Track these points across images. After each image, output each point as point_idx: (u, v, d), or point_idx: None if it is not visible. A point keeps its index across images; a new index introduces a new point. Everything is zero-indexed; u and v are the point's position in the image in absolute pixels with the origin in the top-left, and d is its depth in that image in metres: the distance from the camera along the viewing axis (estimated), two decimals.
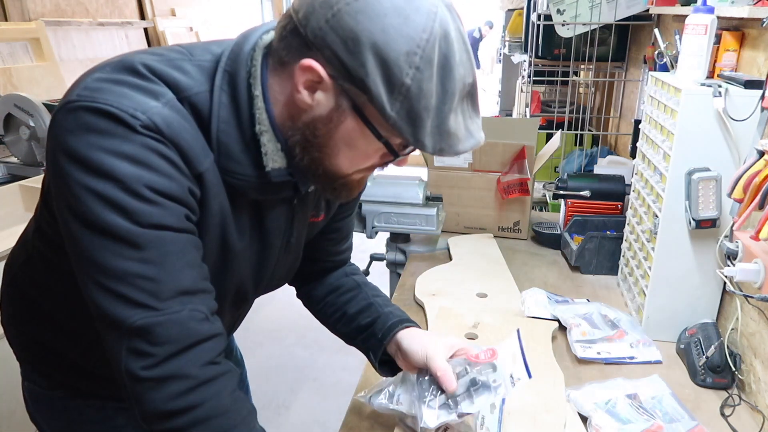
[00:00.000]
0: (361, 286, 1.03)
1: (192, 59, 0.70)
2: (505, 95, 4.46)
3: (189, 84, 0.68)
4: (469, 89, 0.67)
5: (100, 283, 0.63)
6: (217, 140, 0.69)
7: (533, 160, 1.80)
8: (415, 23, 0.61)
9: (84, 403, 0.89)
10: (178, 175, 0.65)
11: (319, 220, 0.94)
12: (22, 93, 2.17)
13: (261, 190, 0.74)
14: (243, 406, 0.71)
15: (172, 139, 0.65)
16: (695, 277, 1.27)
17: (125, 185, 0.61)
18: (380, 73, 0.61)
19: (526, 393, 1.08)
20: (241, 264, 0.81)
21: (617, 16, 2.23)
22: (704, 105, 1.15)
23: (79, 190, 0.62)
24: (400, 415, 0.95)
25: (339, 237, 1.03)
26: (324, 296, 1.03)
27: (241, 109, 0.69)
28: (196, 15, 4.12)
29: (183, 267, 0.66)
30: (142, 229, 0.62)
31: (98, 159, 0.61)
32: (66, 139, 0.62)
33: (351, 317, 0.99)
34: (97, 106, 0.62)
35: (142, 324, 0.63)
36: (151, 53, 0.70)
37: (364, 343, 0.97)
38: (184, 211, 0.66)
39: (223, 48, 0.72)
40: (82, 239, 0.63)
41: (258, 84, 0.69)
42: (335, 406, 2.41)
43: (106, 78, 0.65)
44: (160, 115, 0.64)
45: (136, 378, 0.64)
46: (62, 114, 0.63)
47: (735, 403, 1.12)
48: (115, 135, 0.62)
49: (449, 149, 0.67)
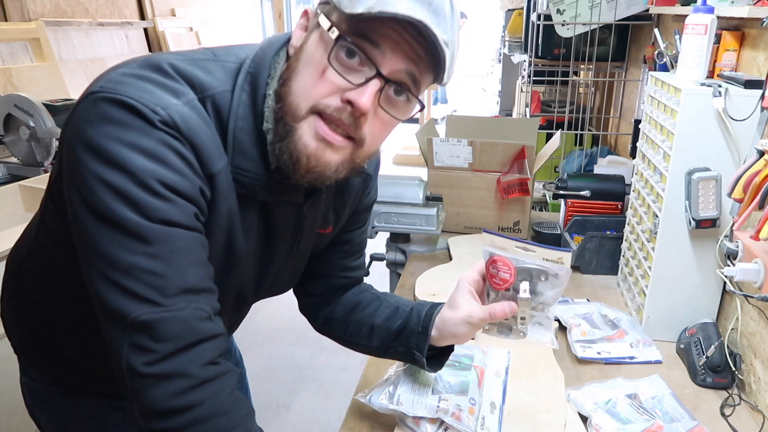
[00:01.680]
0: (381, 297, 1.00)
1: (216, 60, 0.72)
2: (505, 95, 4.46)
3: (212, 83, 0.69)
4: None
5: (105, 275, 0.63)
6: (233, 137, 0.70)
7: (533, 160, 1.79)
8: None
9: (80, 400, 0.89)
10: (191, 173, 0.66)
11: (327, 232, 0.93)
12: (22, 93, 2.17)
13: (270, 190, 0.74)
14: (242, 407, 0.71)
15: (189, 138, 0.65)
16: (695, 277, 1.27)
17: (138, 178, 0.62)
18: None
19: (526, 393, 1.08)
20: (244, 267, 0.82)
21: (617, 16, 2.23)
22: (704, 105, 1.15)
23: (91, 180, 0.62)
24: (400, 415, 0.95)
25: (350, 250, 1.01)
26: (345, 316, 0.99)
27: (257, 108, 0.71)
28: (196, 15, 4.12)
29: (189, 265, 0.66)
30: (151, 224, 0.63)
31: (114, 150, 0.61)
32: (84, 127, 0.63)
33: (380, 326, 0.95)
34: (118, 97, 0.63)
35: (145, 319, 0.62)
36: (177, 54, 0.72)
37: (406, 344, 0.92)
38: (194, 210, 0.67)
39: (247, 52, 0.73)
40: (90, 230, 0.63)
41: (274, 84, 0.71)
42: (335, 406, 2.42)
43: (130, 73, 0.66)
44: (180, 113, 0.65)
45: (137, 373, 0.63)
46: (83, 104, 0.64)
47: (735, 403, 1.12)
48: (133, 128, 0.62)
49: (382, 5, 0.63)
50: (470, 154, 1.81)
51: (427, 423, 0.92)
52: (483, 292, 0.89)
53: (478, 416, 0.94)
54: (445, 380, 0.98)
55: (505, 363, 1.09)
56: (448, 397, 0.94)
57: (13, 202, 1.95)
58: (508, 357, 1.11)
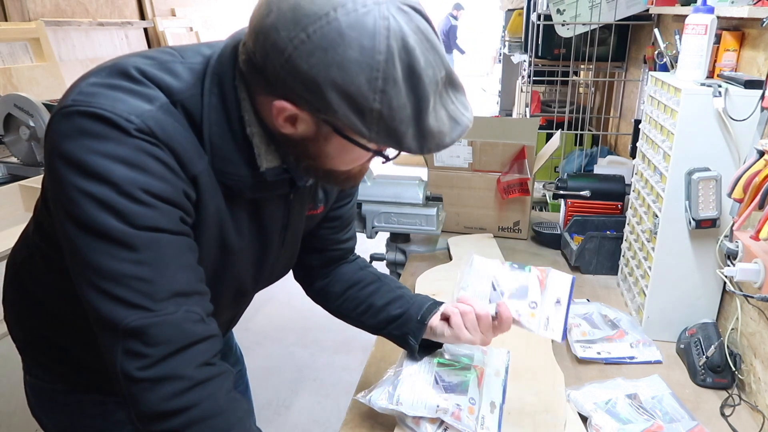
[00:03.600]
0: (382, 278, 1.04)
1: (183, 61, 0.71)
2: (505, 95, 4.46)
3: (180, 87, 0.68)
4: (445, 81, 0.66)
5: (95, 284, 0.63)
6: (210, 142, 0.69)
7: (533, 160, 1.79)
8: (368, 48, 0.59)
9: (85, 398, 0.90)
10: (172, 177, 0.66)
11: (318, 212, 0.94)
12: (22, 93, 2.17)
13: (256, 189, 0.74)
14: (239, 407, 0.71)
15: (167, 142, 0.65)
16: (695, 277, 1.27)
17: (120, 188, 0.62)
18: (348, 107, 0.62)
19: (526, 393, 1.08)
20: (241, 262, 0.82)
21: (617, 16, 2.23)
22: (704, 105, 1.15)
23: (74, 193, 0.62)
24: (400, 415, 0.95)
25: (340, 225, 1.03)
26: (343, 291, 1.03)
27: (230, 111, 0.70)
28: (196, 15, 4.12)
29: (178, 269, 0.66)
30: (136, 231, 0.63)
31: (93, 162, 0.62)
32: (61, 143, 0.63)
33: (379, 308, 0.99)
34: (92, 110, 0.62)
35: (136, 325, 0.63)
36: (143, 56, 0.70)
37: (400, 329, 0.97)
38: (179, 214, 0.67)
39: (213, 50, 0.72)
40: (77, 241, 0.63)
41: (243, 87, 0.69)
42: (335, 406, 2.41)
43: (100, 83, 0.66)
44: (154, 118, 0.65)
45: (132, 379, 0.64)
46: (58, 119, 0.64)
47: (735, 403, 1.12)
48: (110, 138, 0.62)
49: (436, 147, 0.67)
50: (470, 154, 1.81)
51: (427, 423, 0.92)
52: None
53: (477, 416, 0.94)
54: (444, 380, 0.98)
55: (505, 363, 1.09)
56: (447, 396, 0.94)
57: (13, 202, 1.95)
58: (508, 357, 1.11)
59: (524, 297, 0.93)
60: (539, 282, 0.94)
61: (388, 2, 0.61)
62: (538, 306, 0.92)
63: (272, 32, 0.61)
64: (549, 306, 0.92)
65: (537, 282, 0.94)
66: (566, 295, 0.92)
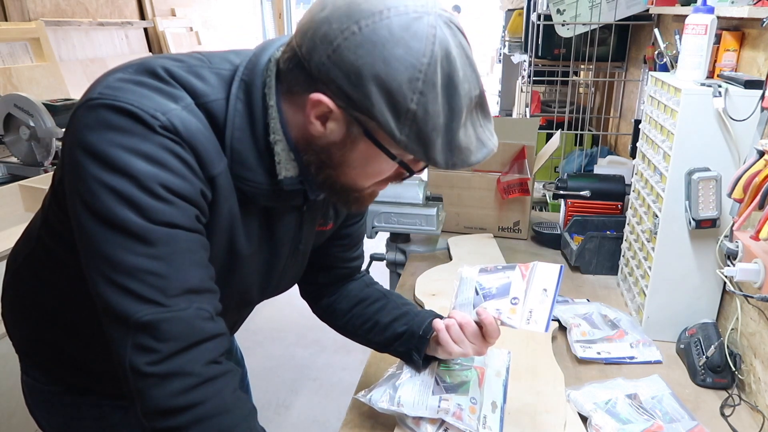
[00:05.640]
0: (387, 295, 1.05)
1: (211, 66, 0.72)
2: (505, 95, 4.46)
3: (206, 91, 0.69)
4: (477, 100, 0.68)
5: (108, 277, 0.64)
6: (231, 147, 0.70)
7: (533, 160, 1.80)
8: (414, 49, 0.62)
9: (81, 400, 0.90)
10: (191, 176, 0.67)
11: (327, 228, 0.95)
12: (22, 93, 2.17)
13: (272, 197, 0.75)
14: (244, 406, 0.71)
15: (189, 142, 0.66)
16: (695, 277, 1.27)
17: (140, 182, 0.63)
18: (385, 103, 0.63)
19: (526, 393, 1.08)
20: (248, 270, 0.82)
21: (617, 16, 2.23)
22: (704, 105, 1.15)
23: (94, 185, 0.63)
24: (400, 415, 0.95)
25: (350, 243, 1.03)
26: (350, 308, 1.03)
27: (255, 118, 0.70)
28: (196, 15, 4.12)
29: (191, 266, 0.67)
30: (153, 226, 0.63)
31: (116, 155, 0.62)
32: (85, 134, 0.63)
33: (385, 325, 1.00)
34: (118, 104, 0.63)
35: (148, 319, 0.63)
36: (171, 58, 0.72)
37: (405, 345, 0.98)
38: (195, 212, 0.68)
39: (241, 58, 0.73)
40: (93, 233, 0.64)
41: (273, 94, 0.70)
42: (335, 406, 2.42)
43: (127, 78, 0.67)
44: (179, 117, 0.66)
45: (140, 373, 0.64)
46: (82, 111, 0.65)
47: (735, 403, 1.12)
48: (135, 133, 0.63)
49: (462, 163, 0.69)
50: None
51: (427, 423, 0.93)
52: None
53: (479, 415, 0.94)
54: (445, 381, 0.98)
55: (506, 363, 1.09)
56: (448, 397, 0.94)
57: (13, 202, 1.95)
58: (509, 357, 1.11)
59: (506, 295, 0.91)
60: (521, 276, 0.92)
61: (437, 15, 0.64)
62: (520, 301, 0.90)
63: (324, 24, 0.64)
64: (534, 298, 0.89)
65: (519, 277, 0.92)
66: (553, 284, 0.90)
